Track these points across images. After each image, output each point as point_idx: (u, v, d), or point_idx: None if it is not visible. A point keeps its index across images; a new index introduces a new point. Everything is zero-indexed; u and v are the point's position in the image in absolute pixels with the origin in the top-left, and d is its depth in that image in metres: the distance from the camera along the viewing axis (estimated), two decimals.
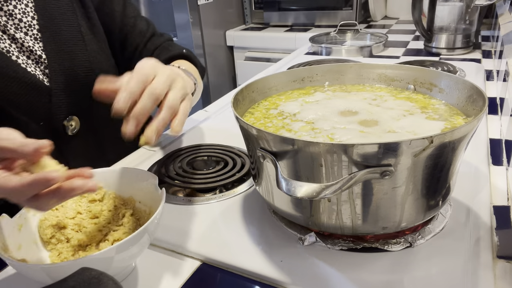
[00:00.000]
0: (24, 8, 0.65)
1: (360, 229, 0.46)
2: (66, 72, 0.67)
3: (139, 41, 0.79)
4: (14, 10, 0.63)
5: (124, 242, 0.41)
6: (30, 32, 0.65)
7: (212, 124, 0.91)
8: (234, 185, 0.65)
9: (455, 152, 0.43)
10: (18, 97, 0.62)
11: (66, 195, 0.39)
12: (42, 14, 0.66)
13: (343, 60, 1.31)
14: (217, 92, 2.15)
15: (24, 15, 0.64)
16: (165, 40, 0.83)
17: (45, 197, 0.39)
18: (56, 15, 0.68)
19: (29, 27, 0.65)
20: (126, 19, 0.78)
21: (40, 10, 0.66)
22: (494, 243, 0.49)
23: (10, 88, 0.60)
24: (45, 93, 0.65)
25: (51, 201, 0.39)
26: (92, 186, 0.39)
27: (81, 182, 0.39)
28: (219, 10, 2.19)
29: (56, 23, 0.68)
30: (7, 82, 0.60)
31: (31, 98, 0.63)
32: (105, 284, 0.34)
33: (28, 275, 0.42)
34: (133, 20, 0.80)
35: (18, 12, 0.64)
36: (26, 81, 0.62)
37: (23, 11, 0.64)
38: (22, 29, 0.64)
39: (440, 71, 0.60)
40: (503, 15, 1.30)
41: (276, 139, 0.43)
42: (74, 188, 0.38)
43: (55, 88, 0.65)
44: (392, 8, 2.17)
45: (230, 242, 0.53)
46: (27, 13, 0.65)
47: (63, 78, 0.66)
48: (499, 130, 0.80)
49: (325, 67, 0.68)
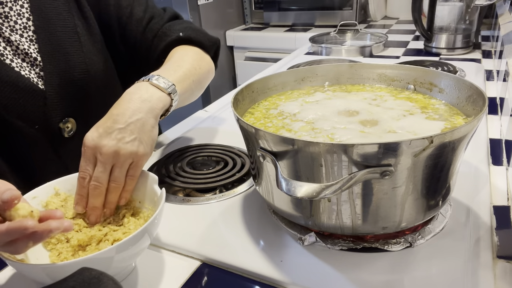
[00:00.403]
0: (20, 10, 0.64)
1: (360, 229, 0.46)
2: (61, 74, 0.66)
3: (137, 30, 0.77)
4: (10, 12, 0.62)
5: (124, 242, 0.41)
6: (25, 34, 0.64)
7: (212, 124, 0.91)
8: (234, 185, 0.65)
9: (455, 152, 0.43)
10: (12, 101, 0.61)
11: (43, 237, 0.38)
12: (38, 15, 0.65)
13: (343, 60, 1.31)
14: (217, 92, 2.15)
15: (19, 16, 0.63)
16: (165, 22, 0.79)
17: (21, 241, 0.38)
18: (52, 16, 0.67)
19: (24, 28, 0.64)
20: (121, 10, 0.76)
21: (36, 11, 0.65)
22: (494, 243, 0.49)
23: (3, 93, 0.59)
24: (40, 96, 0.64)
25: (29, 244, 0.39)
26: (68, 226, 0.39)
27: (57, 223, 0.38)
28: (219, 10, 2.19)
29: (52, 23, 0.67)
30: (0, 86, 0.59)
31: (25, 101, 0.62)
32: (105, 284, 0.34)
33: (28, 275, 0.42)
34: (129, 9, 0.77)
35: (14, 14, 0.63)
36: (19, 85, 0.61)
37: (18, 13, 0.63)
38: (17, 31, 0.63)
39: (440, 71, 0.60)
40: (503, 15, 1.30)
41: (276, 139, 0.43)
42: (51, 229, 0.38)
43: (50, 90, 0.64)
44: (392, 8, 2.17)
45: (230, 242, 0.53)
46: (22, 14, 0.64)
47: (58, 80, 0.65)
48: (499, 130, 0.80)
49: (325, 67, 0.68)
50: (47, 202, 0.52)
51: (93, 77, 0.70)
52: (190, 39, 0.77)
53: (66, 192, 0.54)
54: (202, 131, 0.88)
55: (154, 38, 0.77)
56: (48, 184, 0.53)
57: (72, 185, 0.55)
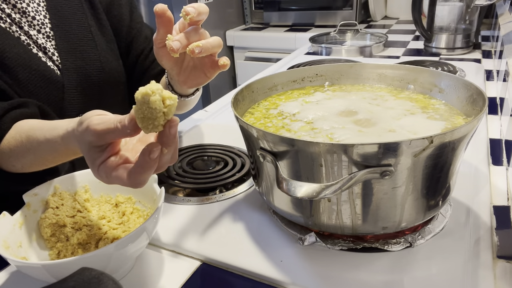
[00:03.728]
0: (37, 7, 0.66)
1: (360, 229, 0.46)
2: (78, 70, 0.68)
3: (144, 46, 0.80)
4: (27, 8, 0.64)
5: (123, 240, 0.41)
6: (42, 30, 0.66)
7: (212, 124, 0.91)
8: (234, 185, 0.65)
9: (455, 152, 0.43)
10: (39, 90, 0.63)
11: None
12: (54, 13, 0.67)
13: (343, 60, 1.31)
14: (217, 92, 2.15)
15: (37, 13, 0.65)
16: None
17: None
18: (67, 15, 0.69)
19: (41, 25, 0.66)
20: (133, 23, 0.80)
21: (52, 9, 0.67)
22: (494, 243, 0.49)
23: (31, 80, 0.62)
24: (60, 89, 0.66)
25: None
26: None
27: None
28: (219, 10, 2.19)
29: (68, 22, 0.69)
30: (30, 74, 0.61)
31: (49, 92, 0.64)
32: (105, 284, 0.34)
33: (29, 273, 0.42)
34: (140, 25, 0.81)
35: (31, 10, 0.65)
36: (46, 74, 0.63)
37: (36, 10, 0.65)
38: (35, 27, 0.65)
39: (440, 71, 0.60)
40: (503, 15, 1.30)
41: (276, 139, 0.43)
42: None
43: (67, 85, 0.66)
44: (392, 8, 2.17)
45: (230, 242, 0.53)
46: (39, 12, 0.66)
47: (76, 76, 0.68)
48: (499, 130, 0.80)
49: (325, 67, 0.68)
50: (48, 200, 0.52)
51: (107, 74, 0.73)
52: None
53: (66, 191, 0.54)
54: (202, 131, 0.88)
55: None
56: (49, 183, 0.53)
57: (72, 184, 0.55)
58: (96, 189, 0.56)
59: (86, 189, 0.56)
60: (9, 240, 0.45)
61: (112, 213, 0.54)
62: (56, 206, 0.52)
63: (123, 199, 0.55)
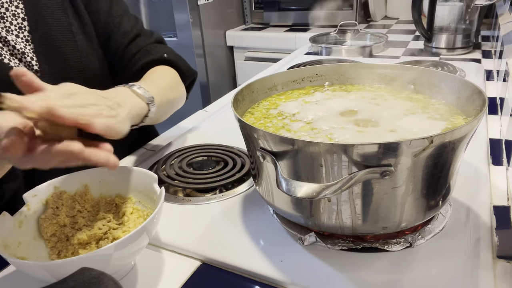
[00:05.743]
0: (15, 10, 0.64)
1: (360, 229, 0.46)
2: (57, 74, 0.66)
3: (122, 42, 0.76)
4: (5, 13, 0.63)
5: (123, 240, 0.41)
6: (21, 34, 0.64)
7: (212, 124, 0.91)
8: (234, 185, 0.65)
9: (455, 152, 0.43)
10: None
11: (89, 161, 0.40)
12: (32, 15, 0.65)
13: (343, 60, 1.31)
14: (217, 92, 2.15)
15: (14, 17, 0.64)
16: (151, 42, 0.80)
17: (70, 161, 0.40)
18: (46, 15, 0.67)
19: (19, 29, 0.64)
20: (110, 18, 0.76)
21: (30, 11, 0.65)
22: (494, 243, 0.49)
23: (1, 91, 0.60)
24: None
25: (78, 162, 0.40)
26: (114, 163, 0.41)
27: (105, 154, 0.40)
28: (219, 10, 2.19)
29: (47, 23, 0.66)
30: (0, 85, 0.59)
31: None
32: (105, 284, 0.34)
33: (28, 272, 0.42)
34: (119, 19, 0.77)
35: (9, 15, 0.63)
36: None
37: (13, 13, 0.64)
38: (13, 32, 0.63)
39: (440, 71, 0.60)
40: (503, 15, 1.30)
41: (276, 139, 0.43)
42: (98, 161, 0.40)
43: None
44: (392, 8, 2.17)
45: (230, 242, 0.53)
46: (17, 15, 0.64)
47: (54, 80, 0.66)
48: (499, 130, 0.80)
49: (325, 67, 0.68)
50: (47, 200, 0.52)
51: (89, 76, 0.70)
52: (172, 62, 0.79)
53: (66, 190, 0.54)
54: (202, 131, 0.88)
55: (137, 53, 0.77)
56: (49, 183, 0.53)
57: (72, 184, 0.55)
58: (96, 189, 0.56)
59: (86, 189, 0.56)
60: (9, 240, 0.45)
61: (112, 213, 0.54)
62: (56, 206, 0.52)
63: (123, 199, 0.55)
